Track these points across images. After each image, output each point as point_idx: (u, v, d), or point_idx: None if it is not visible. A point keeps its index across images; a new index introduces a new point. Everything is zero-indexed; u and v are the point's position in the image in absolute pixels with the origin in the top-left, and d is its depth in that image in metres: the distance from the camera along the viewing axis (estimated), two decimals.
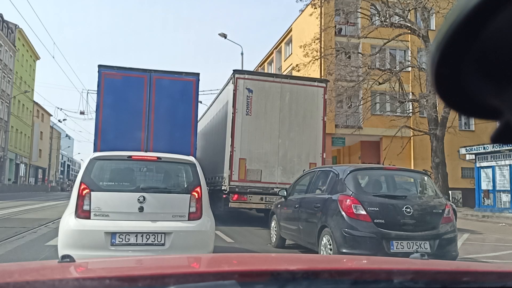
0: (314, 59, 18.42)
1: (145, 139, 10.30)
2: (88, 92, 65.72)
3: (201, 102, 33.06)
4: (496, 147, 16.86)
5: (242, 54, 23.23)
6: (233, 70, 11.63)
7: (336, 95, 18.38)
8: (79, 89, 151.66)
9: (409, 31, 18.02)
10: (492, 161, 18.24)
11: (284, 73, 26.33)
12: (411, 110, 20.36)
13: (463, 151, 19.75)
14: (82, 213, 4.40)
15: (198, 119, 13.32)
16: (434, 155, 17.40)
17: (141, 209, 4.50)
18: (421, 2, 16.95)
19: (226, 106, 11.99)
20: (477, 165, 18.97)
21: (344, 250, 5.29)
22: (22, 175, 51.17)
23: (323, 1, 18.60)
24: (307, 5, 18.94)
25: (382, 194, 5.91)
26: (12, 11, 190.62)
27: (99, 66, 10.60)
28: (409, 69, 20.44)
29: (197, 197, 4.71)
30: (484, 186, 18.64)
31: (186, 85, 10.73)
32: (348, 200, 5.50)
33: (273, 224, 8.02)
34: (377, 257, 2.99)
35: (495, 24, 0.45)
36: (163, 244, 4.41)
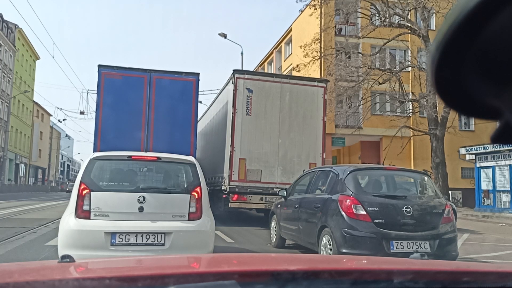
0: (314, 59, 18.41)
1: (145, 139, 10.31)
2: (88, 92, 65.76)
3: (201, 102, 33.11)
4: (496, 147, 16.85)
5: (242, 54, 23.25)
6: (233, 70, 11.62)
7: (336, 95, 18.38)
8: (79, 89, 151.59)
9: (409, 31, 18.01)
10: (492, 161, 18.23)
11: (284, 73, 26.32)
12: (411, 110, 20.35)
13: (463, 151, 19.74)
14: (82, 213, 4.40)
15: (198, 119, 13.32)
16: (434, 155, 17.39)
17: (141, 209, 4.50)
18: (421, 2, 16.94)
19: (226, 106, 11.99)
20: (477, 165, 18.96)
21: (344, 250, 5.29)
22: (22, 175, 51.16)
23: (322, 2, 18.59)
24: (306, 5, 18.95)
25: (382, 194, 5.91)
26: (12, 11, 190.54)
27: (99, 66, 10.61)
28: (409, 69, 20.41)
29: (197, 197, 4.71)
30: (484, 186, 18.63)
31: (186, 85, 10.73)
32: (348, 200, 5.50)
33: (273, 224, 8.02)
34: (377, 257, 2.98)
35: (495, 24, 0.45)
36: (163, 244, 4.41)
